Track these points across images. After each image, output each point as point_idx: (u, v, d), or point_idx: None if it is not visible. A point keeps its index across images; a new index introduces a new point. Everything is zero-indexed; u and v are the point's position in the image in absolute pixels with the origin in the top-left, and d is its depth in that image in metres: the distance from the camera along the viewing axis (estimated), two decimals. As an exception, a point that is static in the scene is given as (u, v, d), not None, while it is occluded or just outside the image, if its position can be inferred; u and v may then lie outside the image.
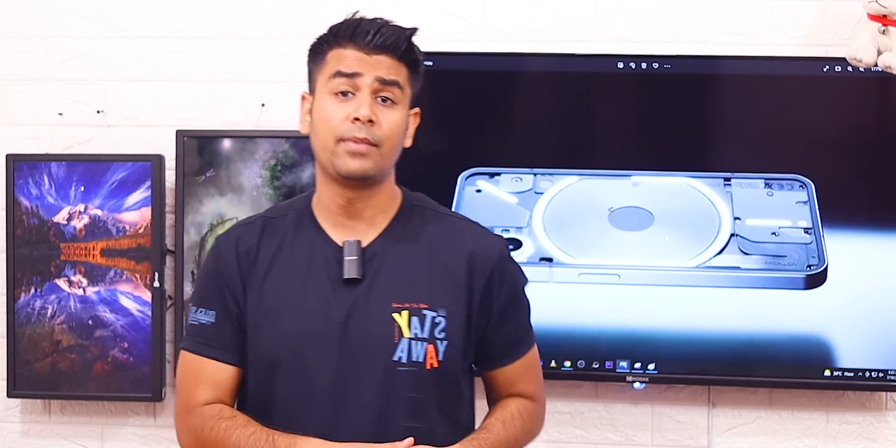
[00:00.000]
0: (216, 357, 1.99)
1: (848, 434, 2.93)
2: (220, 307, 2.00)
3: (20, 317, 3.00)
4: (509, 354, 2.07)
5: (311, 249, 1.99)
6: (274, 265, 2.00)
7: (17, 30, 3.09)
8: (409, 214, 2.03)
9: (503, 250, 2.06)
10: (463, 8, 2.99)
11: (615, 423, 2.98)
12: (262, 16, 3.04)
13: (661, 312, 2.83)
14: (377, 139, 1.92)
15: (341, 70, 1.93)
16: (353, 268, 1.96)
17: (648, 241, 2.83)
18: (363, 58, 1.93)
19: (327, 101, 1.94)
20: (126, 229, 2.97)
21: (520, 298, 2.10)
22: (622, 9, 2.96)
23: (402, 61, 1.96)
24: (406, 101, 1.98)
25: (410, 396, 1.95)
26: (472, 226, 2.09)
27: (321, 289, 1.96)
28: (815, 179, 2.82)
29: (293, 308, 1.97)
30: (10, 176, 3.00)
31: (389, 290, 1.95)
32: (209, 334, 2.00)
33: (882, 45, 2.67)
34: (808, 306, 2.80)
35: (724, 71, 2.88)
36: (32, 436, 3.10)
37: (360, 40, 1.94)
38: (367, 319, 1.94)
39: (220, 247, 2.04)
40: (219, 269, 2.01)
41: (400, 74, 1.96)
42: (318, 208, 2.03)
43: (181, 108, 3.05)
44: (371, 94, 1.93)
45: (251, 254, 2.00)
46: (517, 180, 2.88)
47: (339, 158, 1.93)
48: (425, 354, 1.95)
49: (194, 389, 1.99)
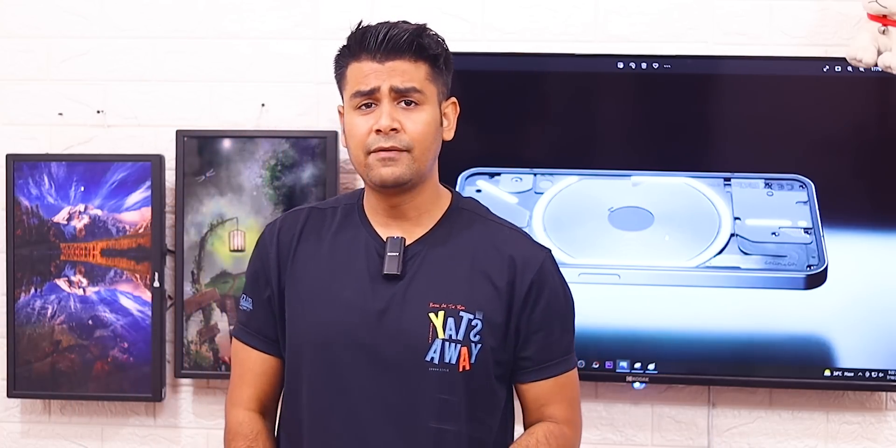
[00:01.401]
0: (254, 345, 2.03)
1: (848, 434, 2.93)
2: (257, 297, 2.03)
3: (20, 317, 3.00)
4: (542, 371, 2.01)
5: (356, 242, 1.99)
6: (315, 255, 1.99)
7: (17, 30, 3.09)
8: (455, 218, 2.01)
9: (546, 261, 2.01)
10: (463, 8, 2.99)
11: (615, 423, 2.98)
12: (262, 16, 3.04)
13: (661, 312, 2.83)
14: (406, 145, 1.91)
15: (360, 90, 1.92)
16: (394, 264, 1.95)
17: (648, 241, 2.83)
18: (377, 68, 1.91)
19: (352, 115, 1.94)
20: (126, 229, 2.97)
21: (560, 315, 2.03)
22: (622, 9, 2.96)
23: (418, 61, 1.93)
24: (433, 98, 1.95)
25: (440, 398, 1.93)
26: (517, 234, 2.05)
27: (360, 282, 1.96)
28: (815, 179, 2.82)
29: (329, 299, 1.96)
30: (10, 176, 3.00)
31: (428, 290, 1.94)
32: (249, 322, 2.04)
33: (882, 45, 2.67)
34: (808, 306, 2.80)
35: (724, 71, 2.88)
36: (32, 436, 3.10)
37: (370, 47, 1.92)
38: (402, 317, 1.93)
39: (264, 235, 2.06)
40: (258, 258, 2.04)
41: (417, 76, 1.92)
42: (368, 206, 2.02)
43: (181, 108, 3.05)
44: (391, 102, 1.91)
45: (293, 242, 2.01)
46: (517, 180, 2.88)
47: (372, 170, 1.92)
48: (458, 356, 1.93)
49: (240, 380, 2.05)
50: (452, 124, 2.01)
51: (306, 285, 1.98)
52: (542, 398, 2.01)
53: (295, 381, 1.99)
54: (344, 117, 1.98)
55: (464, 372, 1.94)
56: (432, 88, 1.95)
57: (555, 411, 2.01)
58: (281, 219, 2.07)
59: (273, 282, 2.01)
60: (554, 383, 2.01)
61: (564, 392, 2.02)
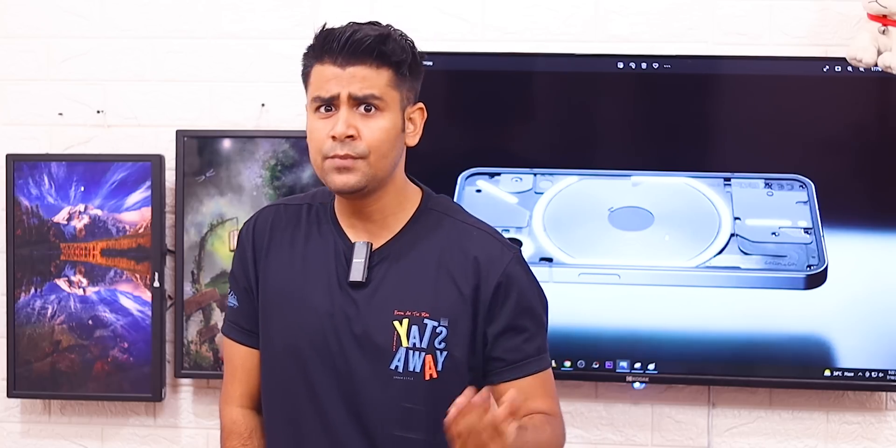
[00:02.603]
0: (241, 341, 2.04)
1: (848, 434, 2.93)
2: (238, 291, 2.05)
3: (20, 317, 3.00)
4: (516, 370, 1.97)
5: (325, 245, 1.99)
6: (286, 254, 2.00)
7: (17, 30, 3.09)
8: (424, 219, 1.99)
9: (512, 262, 1.98)
10: (463, 8, 2.99)
11: (615, 423, 2.98)
12: (262, 16, 3.04)
13: (661, 312, 2.83)
14: (361, 152, 1.89)
15: (319, 95, 1.91)
16: (359, 271, 1.94)
17: (648, 241, 2.83)
18: (338, 74, 1.89)
19: (312, 118, 1.93)
20: (126, 229, 2.97)
21: (529, 315, 1.99)
22: (622, 9, 2.96)
23: (381, 66, 1.90)
24: (394, 105, 1.92)
25: (404, 406, 1.93)
26: (484, 234, 2.02)
27: (327, 288, 1.95)
28: (815, 179, 2.82)
29: (298, 303, 1.97)
30: (10, 176, 3.00)
31: (392, 297, 1.93)
32: (235, 318, 2.06)
33: (882, 45, 2.67)
34: (808, 306, 2.80)
35: (724, 71, 2.88)
36: (32, 436, 3.10)
37: (333, 52, 1.90)
38: (367, 324, 1.93)
39: (241, 233, 2.08)
40: (238, 256, 2.06)
41: (378, 83, 1.90)
42: (338, 207, 2.02)
43: (181, 108, 3.05)
44: (350, 108, 1.89)
45: (265, 238, 2.02)
46: (517, 180, 2.88)
47: (327, 176, 1.92)
48: (423, 364, 1.93)
49: (231, 377, 2.06)
50: (418, 130, 1.98)
51: (277, 287, 1.99)
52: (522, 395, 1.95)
53: (269, 380, 2.01)
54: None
55: (430, 380, 1.93)
56: (394, 95, 1.92)
57: (539, 405, 1.98)
58: (255, 217, 2.07)
59: (252, 279, 2.02)
60: (532, 381, 1.98)
61: (543, 389, 1.99)
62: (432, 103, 2.91)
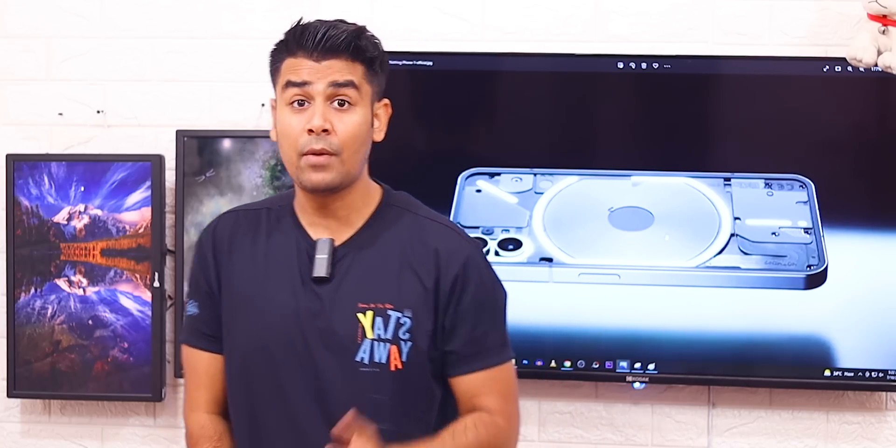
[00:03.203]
0: (206, 347, 2.04)
1: (848, 434, 2.93)
2: (200, 298, 2.05)
3: (20, 317, 3.00)
4: (469, 364, 1.99)
5: (287, 245, 2.01)
6: (248, 257, 2.02)
7: (17, 30, 3.09)
8: (385, 214, 2.02)
9: (473, 254, 2.01)
10: (463, 8, 2.99)
11: (615, 423, 2.98)
12: (262, 16, 3.04)
13: (661, 312, 2.83)
14: (335, 148, 1.91)
15: (291, 79, 1.93)
16: (323, 266, 1.96)
17: (648, 241, 2.83)
18: (313, 65, 1.92)
19: (285, 112, 1.95)
20: (126, 229, 2.97)
21: (487, 308, 2.01)
22: (622, 9, 2.96)
23: (355, 61, 1.94)
24: (366, 100, 1.96)
25: (372, 398, 1.94)
26: (444, 228, 2.04)
27: (292, 285, 1.98)
28: (815, 179, 2.82)
29: (263, 303, 1.98)
30: (10, 176, 3.00)
31: (356, 290, 1.96)
32: (195, 326, 2.06)
33: (882, 45, 2.67)
34: (808, 306, 2.80)
35: (724, 71, 2.88)
36: (32, 436, 3.10)
37: (308, 46, 1.93)
38: (332, 319, 1.95)
39: (201, 238, 2.09)
40: (197, 260, 2.07)
41: (354, 74, 1.94)
42: (298, 206, 2.04)
43: (181, 108, 3.05)
44: (325, 102, 1.92)
45: (226, 243, 2.03)
46: (517, 180, 2.88)
47: (302, 173, 1.93)
48: (388, 356, 1.95)
49: (195, 385, 2.06)
50: (384, 125, 2.02)
51: (241, 289, 2.00)
52: (472, 390, 2.00)
53: (234, 383, 2.02)
54: (276, 112, 1.98)
55: (396, 371, 1.95)
56: (367, 88, 1.96)
57: (486, 402, 1.99)
58: (215, 222, 2.09)
59: (213, 284, 2.03)
60: (484, 376, 1.99)
61: (496, 384, 2.00)
62: (432, 103, 2.94)
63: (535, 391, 2.96)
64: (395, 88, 2.86)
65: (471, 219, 2.86)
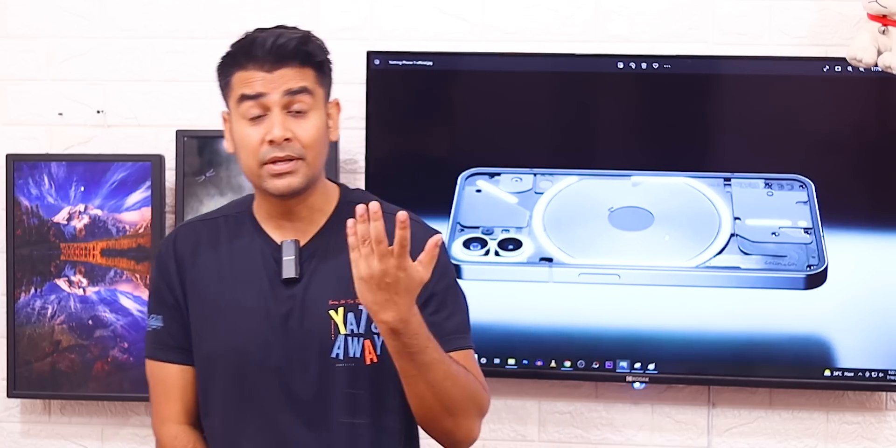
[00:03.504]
0: (173, 360, 2.05)
1: (848, 434, 2.93)
2: (165, 310, 2.05)
3: (20, 317, 3.00)
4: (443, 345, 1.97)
5: (251, 250, 2.02)
6: (213, 265, 2.03)
7: (17, 30, 3.09)
8: (346, 212, 2.01)
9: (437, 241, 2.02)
10: (463, 8, 2.99)
11: (615, 423, 2.98)
12: (262, 16, 3.03)
13: (661, 312, 2.83)
14: (299, 152, 1.94)
15: (245, 93, 1.95)
16: (291, 267, 1.98)
17: (648, 241, 2.83)
18: (265, 76, 1.94)
19: (243, 125, 1.97)
20: (126, 229, 2.98)
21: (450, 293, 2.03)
22: (622, 9, 2.96)
23: (305, 66, 1.97)
24: (320, 103, 1.99)
25: (348, 392, 1.96)
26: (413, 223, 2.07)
27: (260, 288, 1.99)
28: (815, 179, 2.82)
29: (233, 308, 1.99)
30: (10, 176, 3.00)
31: (326, 288, 1.97)
32: (161, 339, 2.06)
33: (882, 45, 2.66)
34: (808, 306, 2.80)
35: (724, 71, 2.88)
36: (32, 436, 3.10)
37: (258, 57, 1.95)
38: (304, 318, 1.97)
39: (160, 251, 2.09)
40: (159, 274, 2.07)
41: (307, 79, 1.96)
42: (259, 212, 2.06)
43: (181, 108, 3.05)
44: (282, 111, 1.94)
45: (189, 254, 2.04)
46: (517, 180, 2.88)
47: (266, 181, 1.96)
48: (363, 350, 1.97)
49: (164, 398, 2.07)
50: (336, 124, 2.05)
51: (209, 297, 2.01)
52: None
53: (209, 390, 2.02)
54: (230, 124, 2.01)
55: (371, 364, 1.97)
56: (320, 92, 1.99)
57: None
58: (174, 234, 2.10)
59: (178, 295, 2.03)
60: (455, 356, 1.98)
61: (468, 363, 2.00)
62: (433, 103, 2.94)
63: (535, 391, 2.97)
64: (395, 88, 2.90)
65: (471, 219, 2.86)
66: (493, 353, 2.85)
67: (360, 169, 2.93)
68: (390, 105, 2.91)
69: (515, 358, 2.85)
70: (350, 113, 2.96)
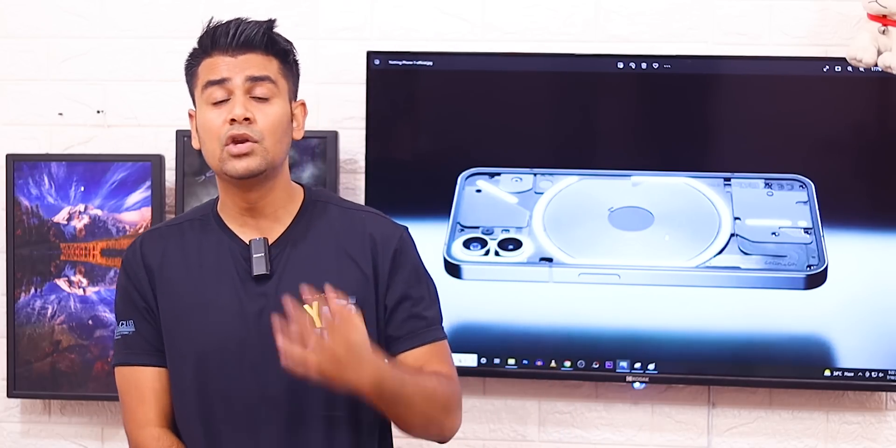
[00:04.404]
0: (147, 363, 2.05)
1: (848, 434, 2.93)
2: (136, 314, 2.05)
3: (20, 317, 3.00)
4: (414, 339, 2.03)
5: (219, 250, 2.03)
6: (182, 268, 2.03)
7: (17, 30, 3.09)
8: (312, 209, 2.07)
9: (405, 236, 2.08)
10: (463, 8, 2.99)
11: (615, 423, 2.98)
12: (262, 16, 3.02)
13: (661, 312, 2.83)
14: (258, 135, 1.96)
15: (210, 79, 1.97)
16: (262, 264, 1.99)
17: (648, 241, 2.83)
18: (230, 61, 1.98)
19: (206, 110, 1.99)
20: (126, 229, 2.98)
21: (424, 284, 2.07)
22: (622, 9, 2.96)
23: (269, 54, 2.00)
24: (284, 94, 2.01)
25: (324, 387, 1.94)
26: (373, 215, 2.11)
27: (232, 287, 2.00)
28: (815, 179, 2.82)
29: (205, 307, 2.00)
30: (10, 176, 3.00)
31: (299, 284, 1.96)
32: (133, 343, 2.05)
33: (882, 45, 2.67)
34: (808, 306, 2.80)
35: (724, 71, 2.88)
36: (32, 436, 3.10)
37: (223, 43, 1.98)
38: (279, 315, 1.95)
39: (126, 258, 2.09)
40: (127, 279, 2.07)
41: (270, 68, 1.99)
42: (224, 212, 2.07)
43: (181, 108, 3.02)
44: (245, 95, 1.97)
45: (157, 259, 2.05)
46: (517, 180, 2.88)
47: (226, 163, 1.97)
48: None
49: (139, 402, 2.05)
50: (301, 124, 2.07)
51: (180, 298, 2.02)
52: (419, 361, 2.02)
53: (184, 391, 2.02)
54: (195, 118, 2.03)
55: None
56: (284, 83, 2.01)
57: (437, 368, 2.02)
58: (139, 240, 2.10)
59: (149, 298, 2.04)
60: (430, 348, 2.03)
61: (442, 355, 2.04)
62: (433, 103, 2.94)
63: (535, 391, 2.97)
64: (395, 88, 2.90)
65: (471, 219, 2.86)
66: (493, 353, 2.85)
67: (360, 169, 2.93)
68: (390, 105, 2.91)
69: (515, 358, 2.85)
70: (350, 113, 2.97)
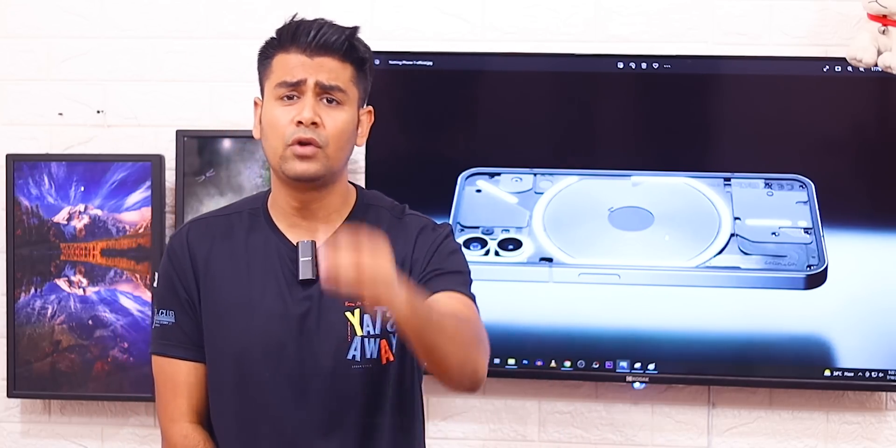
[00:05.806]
0: (184, 356, 2.03)
1: (848, 434, 2.93)
2: (178, 305, 2.02)
3: (20, 317, 3.00)
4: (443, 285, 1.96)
5: (267, 249, 2.00)
6: (228, 263, 2.01)
7: (17, 30, 3.09)
8: (363, 213, 2.03)
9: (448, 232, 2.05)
10: (463, 8, 2.99)
11: (615, 423, 2.98)
12: (262, 16, 3.04)
13: (661, 312, 2.83)
14: (323, 140, 1.93)
15: (286, 80, 1.94)
16: (308, 269, 1.96)
17: (648, 241, 2.83)
18: (305, 61, 1.94)
19: (274, 106, 1.96)
20: (126, 229, 2.98)
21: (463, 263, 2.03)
22: (622, 9, 2.96)
23: (345, 61, 1.96)
24: (353, 102, 1.98)
25: (364, 394, 1.96)
26: (420, 218, 2.07)
27: (277, 289, 1.98)
28: (815, 179, 2.82)
29: (249, 307, 1.98)
30: (10, 176, 3.00)
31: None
32: (172, 334, 2.03)
33: (882, 45, 2.67)
34: (808, 306, 2.80)
35: (724, 71, 2.88)
36: (32, 436, 3.10)
37: (302, 42, 1.95)
38: (320, 320, 1.96)
39: (172, 245, 2.06)
40: (172, 268, 2.04)
41: (343, 76, 1.95)
42: (274, 208, 2.04)
43: (181, 108, 3.05)
44: (315, 97, 1.94)
45: (203, 251, 2.02)
46: (517, 180, 2.88)
47: (287, 162, 1.94)
48: (379, 350, 1.96)
49: (172, 395, 2.03)
50: (365, 132, 2.04)
51: (223, 296, 1.99)
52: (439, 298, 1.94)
53: (222, 390, 2.01)
54: (261, 109, 2.00)
55: (388, 364, 1.97)
56: (355, 91, 1.98)
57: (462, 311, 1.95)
58: (186, 229, 2.07)
59: (192, 290, 2.01)
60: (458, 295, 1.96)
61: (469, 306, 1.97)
62: (433, 103, 2.94)
63: (535, 391, 2.97)
64: (396, 88, 2.90)
65: (471, 219, 2.86)
66: (493, 353, 2.80)
67: (360, 169, 2.93)
68: (390, 105, 2.90)
69: (515, 358, 2.85)
70: (350, 113, 2.96)
